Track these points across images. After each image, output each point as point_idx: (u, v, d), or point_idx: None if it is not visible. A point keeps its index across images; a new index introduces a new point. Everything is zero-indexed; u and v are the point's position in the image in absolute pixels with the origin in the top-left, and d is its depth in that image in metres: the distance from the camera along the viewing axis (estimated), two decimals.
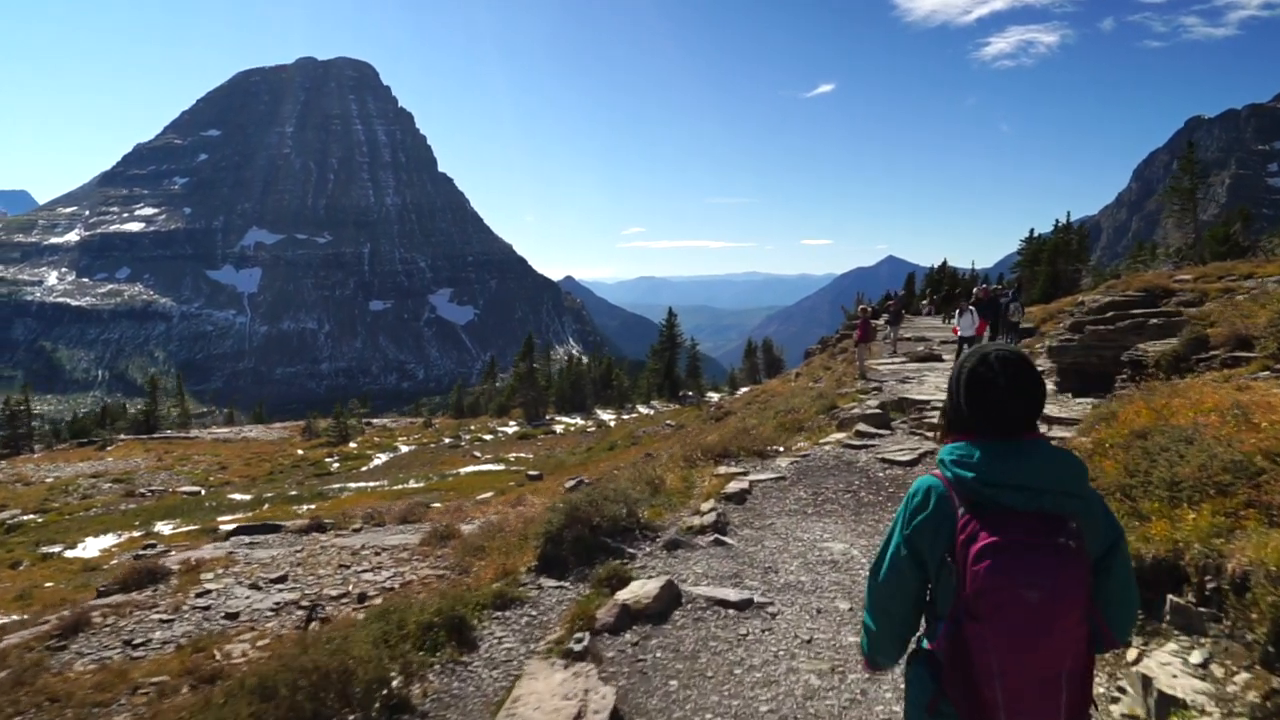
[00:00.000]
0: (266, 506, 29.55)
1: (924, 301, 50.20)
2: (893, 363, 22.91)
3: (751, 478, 9.78)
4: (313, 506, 28.38)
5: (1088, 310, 26.46)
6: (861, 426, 12.34)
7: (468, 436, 47.67)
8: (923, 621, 2.16)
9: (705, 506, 8.41)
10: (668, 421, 39.98)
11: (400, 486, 33.26)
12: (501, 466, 37.42)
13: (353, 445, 47.11)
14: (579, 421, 51.58)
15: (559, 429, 48.98)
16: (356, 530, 13.01)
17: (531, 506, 15.17)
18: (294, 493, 33.30)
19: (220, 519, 26.97)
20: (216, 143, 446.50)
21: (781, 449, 11.94)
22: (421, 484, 33.57)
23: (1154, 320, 12.44)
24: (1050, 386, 13.63)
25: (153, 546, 17.59)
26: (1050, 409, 11.12)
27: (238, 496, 32.99)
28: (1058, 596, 1.78)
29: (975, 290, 23.15)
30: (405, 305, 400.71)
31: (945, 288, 54.82)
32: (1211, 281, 28.31)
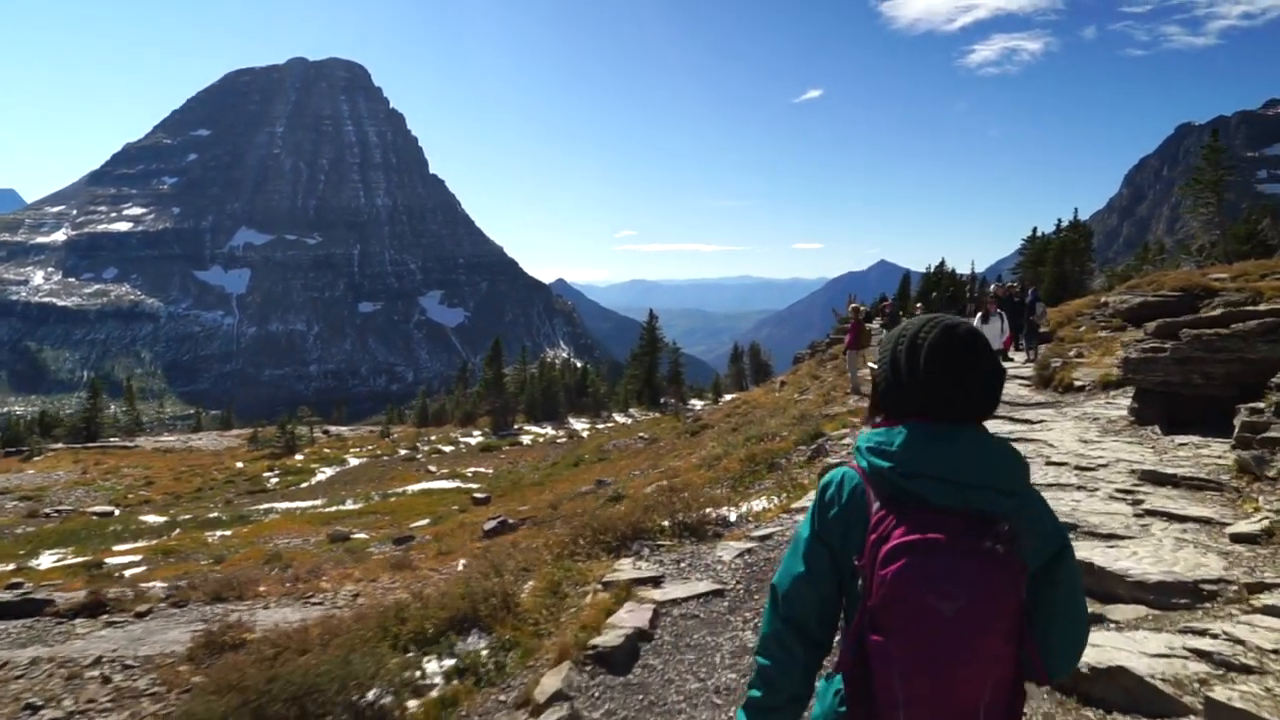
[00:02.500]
0: (178, 532, 26.33)
1: (918, 305, 46.28)
2: None
3: (666, 591, 5.90)
4: (228, 533, 25.18)
5: (1126, 308, 22.85)
6: None
7: (426, 448, 44.02)
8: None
9: (547, 685, 4.46)
10: (641, 434, 36.64)
11: (336, 508, 29.95)
12: (455, 483, 33.96)
13: (299, 458, 43.29)
14: (549, 431, 47.96)
15: (526, 440, 45.32)
16: (140, 615, 9.26)
17: (419, 575, 11.57)
18: (215, 514, 29.81)
19: (117, 548, 23.69)
20: (206, 142, 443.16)
21: (733, 517, 8.22)
22: (359, 505, 30.13)
23: None
24: (1120, 413, 9.96)
25: (17, 586, 14.14)
26: (1138, 453, 7.55)
27: (151, 519, 29.33)
28: (979, 610, 1.46)
29: (992, 288, 19.51)
30: (395, 307, 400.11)
31: (950, 289, 51.62)
32: (1255, 280, 25.21)
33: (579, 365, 63.44)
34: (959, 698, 1.49)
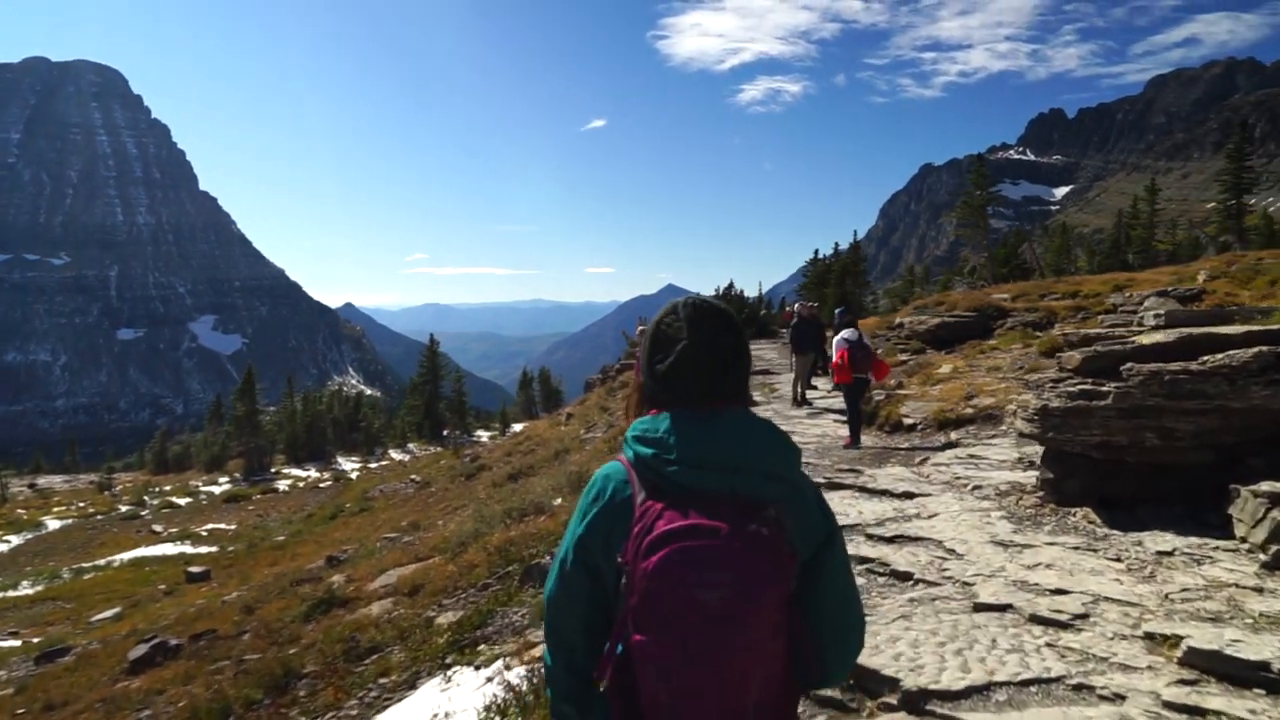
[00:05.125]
0: None
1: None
2: None
3: None
4: None
5: (925, 330, 21.32)
6: None
7: (155, 502, 37.08)
8: None
9: None
10: (413, 476, 32.48)
11: (6, 593, 23.58)
12: (181, 548, 28.14)
13: None
14: (312, 474, 42.25)
15: (284, 485, 39.58)
16: None
17: None
18: None
19: None
20: None
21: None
22: (39, 587, 23.90)
23: None
24: (1007, 476, 7.37)
25: None
26: (1115, 577, 4.60)
27: None
28: (744, 598, 1.36)
29: (794, 307, 17.31)
30: (160, 334, 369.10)
31: (743, 311, 51.06)
32: (1035, 300, 24.98)
33: (350, 396, 57.24)
34: (726, 696, 1.38)
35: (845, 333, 10.80)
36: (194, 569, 21.68)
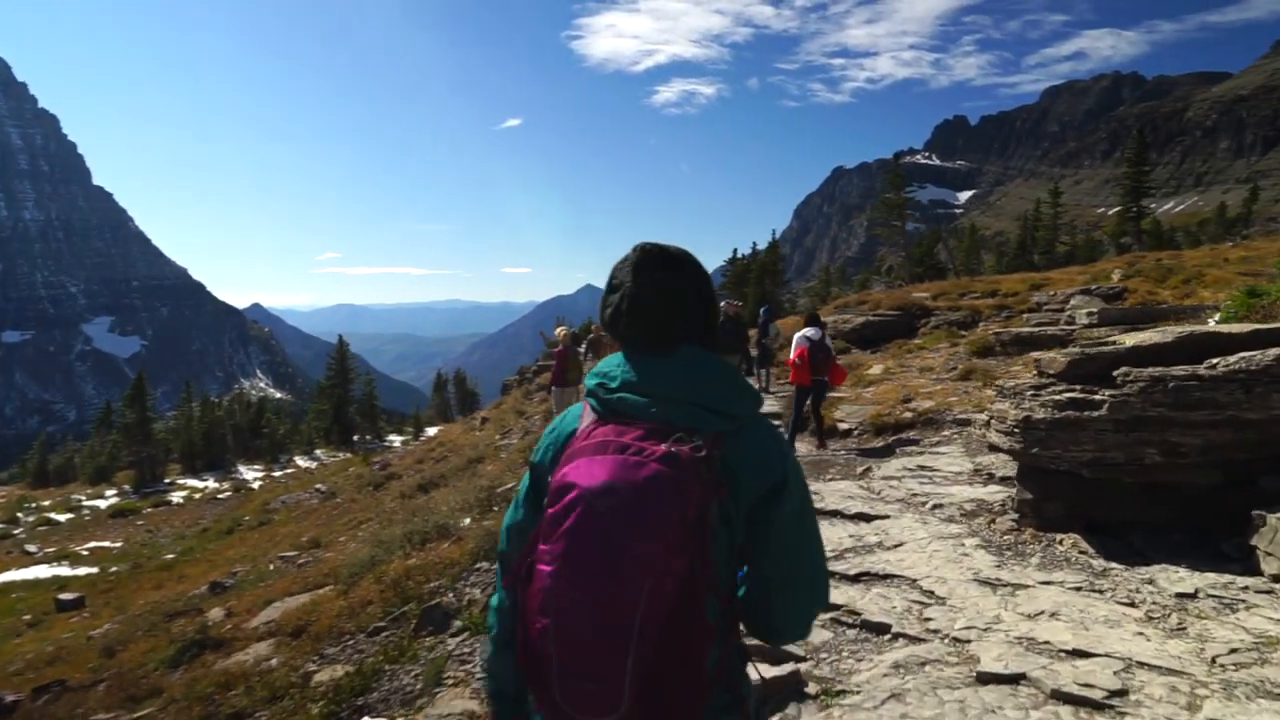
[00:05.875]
0: None
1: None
2: None
3: None
4: None
5: (850, 329, 20.93)
6: None
7: (31, 519, 34.20)
8: None
9: None
10: (318, 486, 30.60)
11: None
12: (58, 569, 25.80)
13: None
14: (210, 485, 39.74)
15: (178, 497, 37.10)
16: None
17: None
18: None
19: None
20: None
21: None
22: None
23: None
24: (969, 492, 6.59)
25: None
26: (1138, 631, 3.81)
27: None
28: (639, 508, 1.31)
29: (724, 305, 16.48)
30: (51, 336, 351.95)
31: None
32: (955, 299, 24.97)
33: (253, 401, 54.40)
34: (605, 607, 1.29)
35: (807, 330, 9.96)
36: (66, 596, 19.67)
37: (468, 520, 8.73)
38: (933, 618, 4.22)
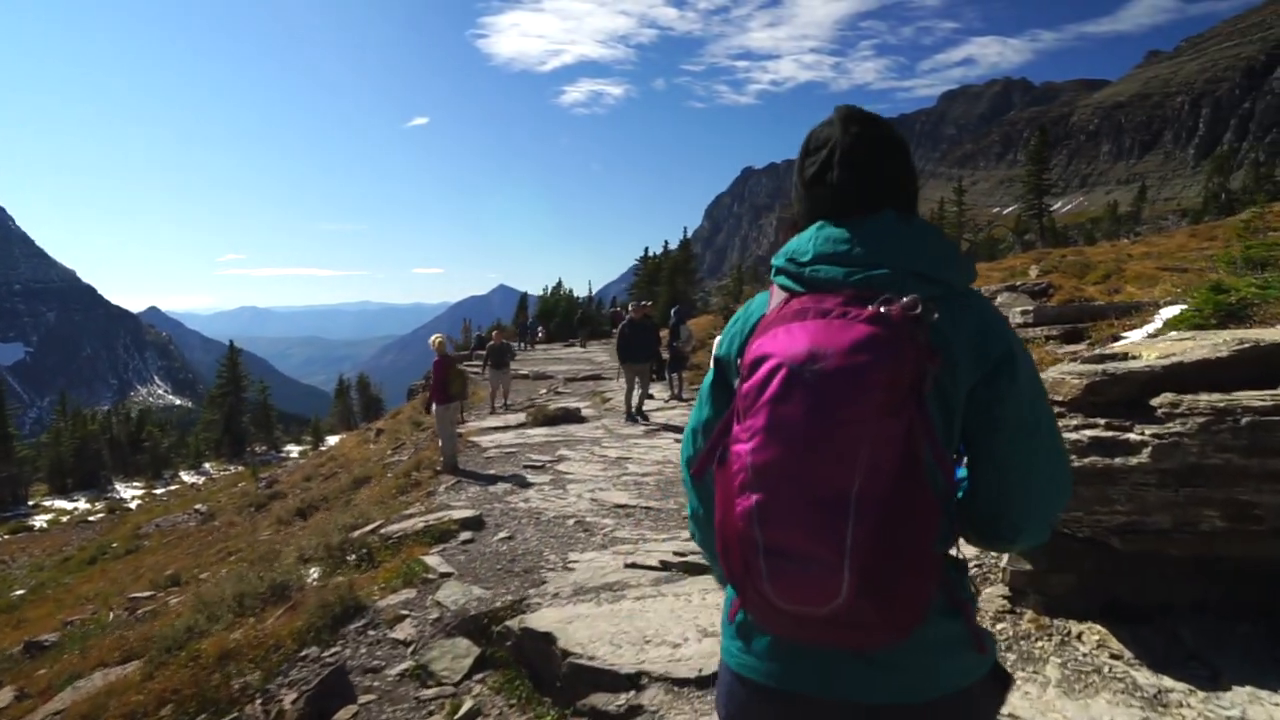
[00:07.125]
0: None
1: (539, 329, 42.41)
2: (500, 425, 14.19)
3: None
4: None
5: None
6: None
7: None
8: None
9: None
10: (197, 506, 28.32)
11: None
12: None
13: None
14: (81, 505, 36.56)
15: (41, 520, 33.89)
16: None
17: None
18: None
19: None
20: None
21: None
22: None
23: None
24: (992, 597, 5.35)
25: None
26: None
27: None
28: (849, 371, 1.15)
29: (631, 307, 15.27)
30: None
31: (578, 312, 49.61)
32: None
33: (134, 414, 50.70)
34: (819, 479, 1.15)
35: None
36: None
37: (315, 573, 7.25)
38: None
